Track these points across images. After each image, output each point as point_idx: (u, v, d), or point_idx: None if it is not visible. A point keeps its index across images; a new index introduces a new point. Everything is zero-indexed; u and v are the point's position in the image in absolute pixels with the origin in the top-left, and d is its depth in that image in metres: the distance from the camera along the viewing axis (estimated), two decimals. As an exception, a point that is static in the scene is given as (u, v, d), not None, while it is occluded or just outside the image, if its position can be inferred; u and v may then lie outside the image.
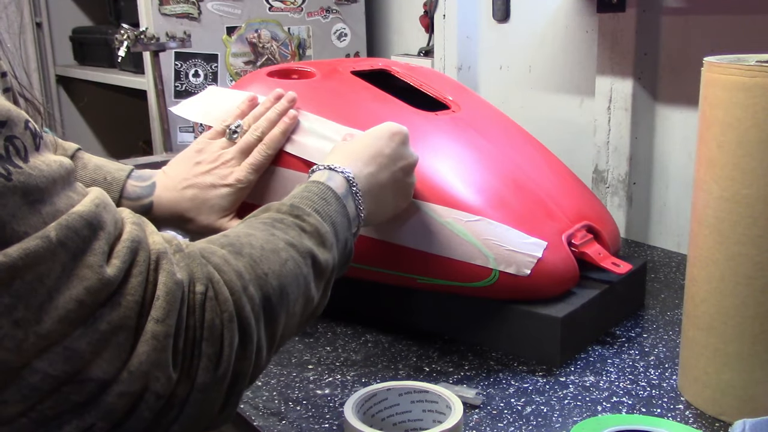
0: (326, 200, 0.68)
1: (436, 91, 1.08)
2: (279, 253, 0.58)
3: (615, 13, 1.28)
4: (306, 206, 0.65)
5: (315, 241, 0.63)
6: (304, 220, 0.63)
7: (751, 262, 0.70)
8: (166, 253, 0.50)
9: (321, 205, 0.67)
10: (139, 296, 0.47)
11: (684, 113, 1.26)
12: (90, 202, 0.47)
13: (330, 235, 0.64)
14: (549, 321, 0.85)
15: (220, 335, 0.50)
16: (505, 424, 0.75)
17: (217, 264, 0.53)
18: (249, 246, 0.57)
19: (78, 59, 2.35)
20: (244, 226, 0.61)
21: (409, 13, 1.86)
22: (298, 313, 0.60)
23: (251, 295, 0.53)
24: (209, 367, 0.49)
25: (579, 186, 1.03)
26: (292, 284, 0.58)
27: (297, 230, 0.62)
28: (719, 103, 0.70)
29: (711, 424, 0.74)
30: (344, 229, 0.69)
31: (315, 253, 0.62)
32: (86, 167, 0.86)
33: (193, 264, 0.51)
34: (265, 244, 0.58)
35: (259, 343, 0.54)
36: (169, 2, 1.68)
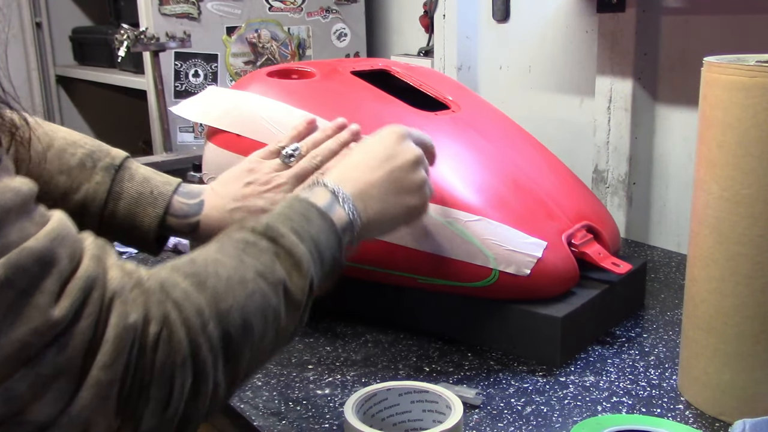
0: (308, 218, 0.64)
1: (436, 91, 1.08)
2: (246, 284, 0.55)
3: (615, 13, 1.28)
4: (283, 226, 0.61)
5: (288, 266, 0.59)
6: (278, 243, 0.59)
7: (751, 262, 0.70)
8: (122, 292, 0.48)
9: (301, 224, 0.62)
10: (88, 339, 0.45)
11: (684, 113, 1.26)
12: (45, 236, 0.45)
13: (306, 258, 0.60)
14: (549, 321, 0.85)
15: (171, 378, 0.48)
16: (505, 424, 0.75)
17: (177, 300, 0.50)
18: (215, 276, 0.54)
19: (78, 59, 2.35)
20: (215, 249, 0.58)
21: (409, 13, 1.86)
22: (267, 345, 0.57)
23: (210, 333, 0.51)
24: (156, 410, 0.47)
25: (579, 186, 1.03)
26: (258, 317, 0.55)
27: (270, 255, 0.58)
28: (719, 103, 0.70)
29: (711, 424, 0.74)
30: (330, 246, 0.64)
31: (287, 282, 0.58)
32: (133, 178, 0.82)
33: (150, 301, 0.49)
34: (233, 273, 0.55)
35: (216, 382, 0.52)
36: (169, 2, 1.68)
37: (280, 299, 0.57)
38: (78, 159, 0.82)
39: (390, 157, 0.74)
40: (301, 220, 0.63)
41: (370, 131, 0.92)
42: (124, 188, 0.81)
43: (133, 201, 0.81)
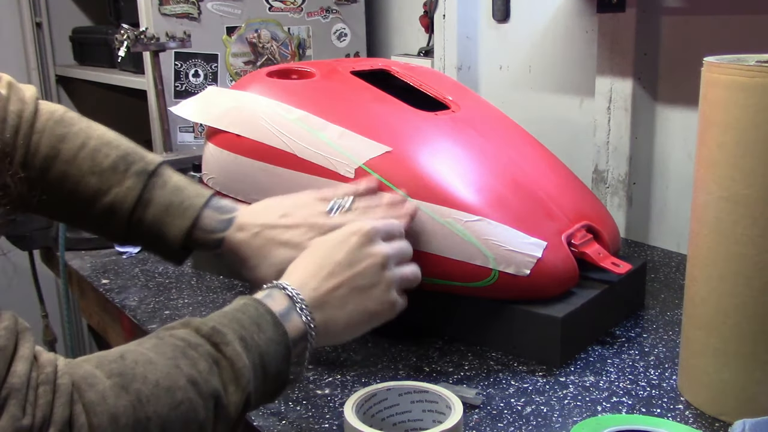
0: (259, 326, 0.60)
1: (435, 91, 1.08)
2: (174, 393, 0.52)
3: (615, 13, 1.28)
4: (231, 332, 0.58)
5: (227, 377, 0.56)
6: (221, 351, 0.56)
7: (751, 262, 0.70)
8: (21, 390, 0.45)
9: (250, 332, 0.59)
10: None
11: (684, 113, 1.26)
12: None
13: (247, 371, 0.57)
14: (549, 321, 0.85)
15: None
16: (505, 424, 0.75)
17: (91, 402, 0.47)
18: (142, 380, 0.51)
19: (78, 59, 2.34)
20: (151, 346, 0.55)
21: (409, 13, 1.86)
22: None
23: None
24: None
25: (579, 186, 1.03)
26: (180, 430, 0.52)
27: (209, 363, 0.55)
28: (719, 103, 0.70)
29: (711, 424, 0.74)
30: (277, 358, 0.61)
31: (220, 395, 0.55)
32: (165, 186, 0.80)
33: (56, 403, 0.46)
34: (163, 379, 0.52)
35: None
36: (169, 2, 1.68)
37: (209, 413, 0.54)
38: (111, 161, 0.80)
39: (352, 262, 0.69)
40: (251, 327, 0.59)
41: (370, 131, 0.92)
42: (155, 196, 0.79)
43: (162, 210, 0.79)
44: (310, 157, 0.91)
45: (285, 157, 0.92)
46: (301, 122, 0.93)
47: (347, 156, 0.90)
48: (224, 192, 0.98)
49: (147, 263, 1.23)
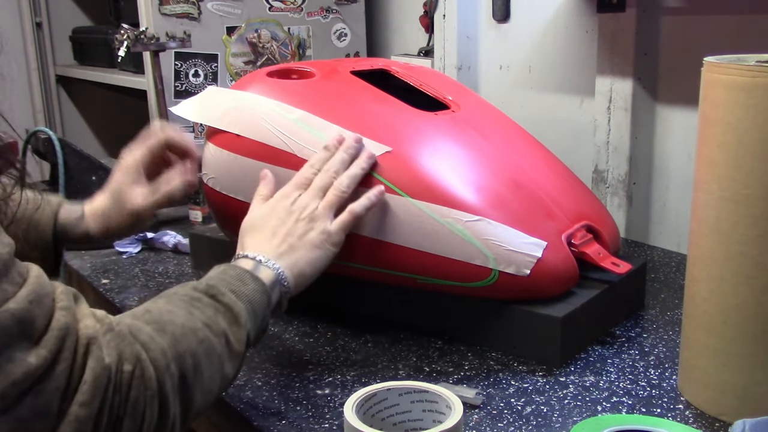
0: (242, 281, 0.71)
1: (436, 91, 1.08)
2: (197, 332, 0.62)
3: (615, 13, 1.28)
4: (222, 286, 0.69)
5: (229, 320, 0.67)
6: (219, 300, 0.67)
7: (751, 262, 0.70)
8: (96, 338, 0.54)
9: (237, 285, 0.70)
10: (63, 382, 0.50)
11: (684, 113, 1.26)
12: (24, 299, 0.50)
13: (244, 313, 0.68)
14: (549, 321, 0.85)
15: (143, 412, 0.54)
16: (505, 424, 0.75)
17: (145, 342, 0.57)
18: (171, 324, 0.61)
19: (78, 59, 2.34)
20: (165, 302, 0.65)
21: (409, 13, 1.86)
22: (213, 390, 0.64)
23: (172, 372, 0.58)
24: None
25: (579, 186, 1.03)
26: (207, 363, 0.62)
27: (212, 310, 0.66)
28: (719, 103, 0.70)
29: (711, 424, 0.74)
30: (262, 305, 0.72)
31: (228, 334, 0.66)
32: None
33: (123, 344, 0.55)
34: (186, 322, 0.62)
35: (174, 418, 0.58)
36: (169, 2, 1.68)
37: (223, 348, 0.65)
38: None
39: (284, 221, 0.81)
40: (236, 282, 0.70)
41: (370, 131, 0.92)
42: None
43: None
44: (310, 157, 0.91)
45: (285, 157, 0.92)
46: (301, 122, 0.93)
47: (347, 156, 0.90)
48: (224, 192, 0.98)
49: (147, 263, 1.23)
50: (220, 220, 1.05)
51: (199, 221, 1.39)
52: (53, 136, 1.33)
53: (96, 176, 1.38)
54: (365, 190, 0.86)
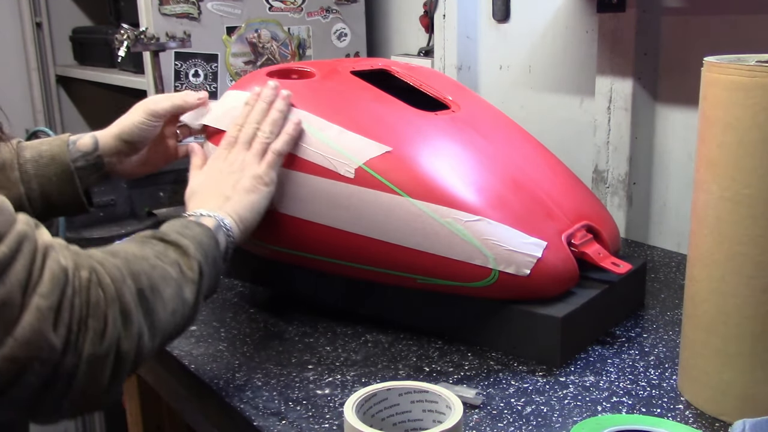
0: (187, 227, 0.76)
1: (436, 91, 1.08)
2: (149, 259, 0.68)
3: (615, 13, 1.28)
4: (169, 231, 0.74)
5: (179, 252, 0.72)
6: (166, 241, 0.72)
7: (751, 262, 0.70)
8: (54, 246, 0.59)
9: (183, 231, 0.75)
10: (24, 276, 0.55)
11: (684, 113, 1.26)
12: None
13: (191, 247, 0.73)
14: (549, 321, 0.85)
15: (105, 314, 0.59)
16: (505, 424, 0.75)
17: (99, 259, 0.63)
18: (123, 252, 0.67)
19: (78, 59, 2.34)
20: (118, 244, 0.70)
21: (409, 13, 1.86)
22: (178, 311, 0.69)
23: (129, 285, 0.63)
24: (95, 340, 0.58)
25: (579, 186, 1.03)
26: (163, 284, 0.67)
27: (162, 245, 0.72)
28: (719, 103, 0.70)
29: (711, 424, 0.74)
30: (211, 247, 0.76)
31: (180, 263, 0.71)
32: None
33: (78, 258, 0.61)
34: (138, 252, 0.68)
35: (140, 329, 0.63)
36: (169, 2, 1.67)
37: (178, 274, 0.70)
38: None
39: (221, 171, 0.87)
40: (182, 229, 0.75)
41: (370, 131, 0.92)
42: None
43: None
44: (310, 157, 0.91)
45: (285, 157, 0.92)
46: (301, 122, 0.93)
47: (347, 156, 0.90)
48: (224, 192, 0.98)
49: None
50: (220, 220, 1.05)
51: (199, 221, 1.39)
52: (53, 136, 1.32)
53: (96, 176, 1.38)
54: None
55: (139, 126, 0.95)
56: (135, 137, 0.95)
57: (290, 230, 0.94)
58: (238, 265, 1.14)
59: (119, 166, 0.97)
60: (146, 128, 0.95)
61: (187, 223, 0.77)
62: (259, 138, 0.89)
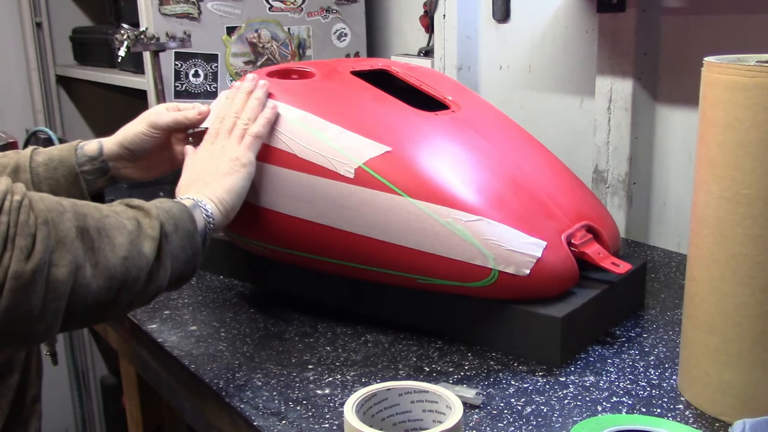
0: (161, 203, 0.77)
1: (435, 91, 1.08)
2: (101, 209, 0.70)
3: (615, 13, 1.28)
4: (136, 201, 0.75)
5: (140, 213, 0.73)
6: (131, 205, 0.74)
7: (751, 261, 0.70)
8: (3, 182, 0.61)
9: (155, 203, 0.76)
10: None
11: (684, 113, 1.26)
12: None
13: (154, 210, 0.74)
14: (549, 321, 0.85)
15: (33, 234, 0.61)
16: (505, 424, 0.75)
17: (42, 195, 0.65)
18: (73, 203, 0.67)
19: (78, 59, 2.34)
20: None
21: (409, 13, 1.86)
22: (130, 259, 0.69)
23: (69, 218, 0.64)
24: (20, 258, 0.59)
25: (579, 186, 1.03)
26: (114, 231, 0.69)
27: (122, 206, 0.73)
28: (719, 103, 0.70)
29: (711, 424, 0.74)
30: (183, 219, 0.77)
31: (139, 218, 0.72)
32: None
33: (15, 186, 0.62)
34: (90, 205, 0.69)
35: (77, 261, 0.64)
36: (169, 2, 1.67)
37: (135, 228, 0.71)
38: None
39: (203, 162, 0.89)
40: (156, 203, 0.76)
41: (370, 131, 0.92)
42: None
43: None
44: (310, 157, 0.91)
45: (285, 157, 0.92)
46: (301, 122, 0.93)
47: (347, 156, 0.90)
48: (224, 192, 0.98)
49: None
50: (220, 220, 1.04)
51: (199, 221, 1.38)
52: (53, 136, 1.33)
53: (96, 176, 1.37)
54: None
55: (140, 136, 0.96)
56: (135, 146, 0.96)
57: (290, 230, 0.94)
58: (238, 265, 1.14)
59: (124, 171, 0.98)
60: (147, 138, 0.96)
61: (162, 200, 0.78)
62: (238, 125, 0.91)
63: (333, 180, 0.90)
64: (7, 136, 1.31)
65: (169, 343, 0.95)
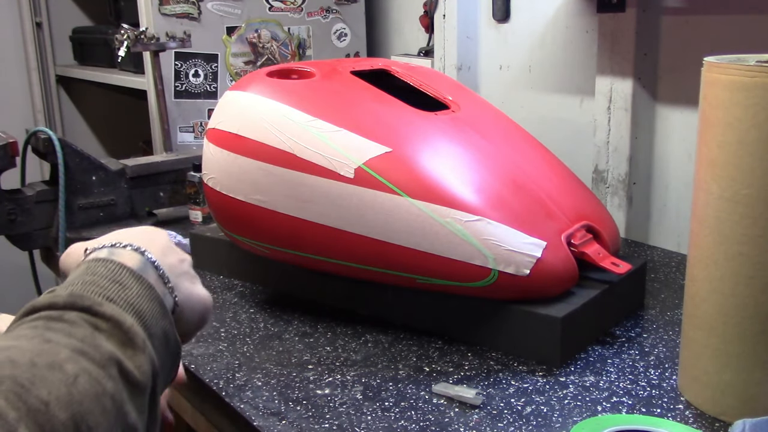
0: (121, 283, 0.48)
1: (435, 91, 1.08)
2: (62, 366, 0.40)
3: (615, 13, 1.28)
4: (92, 293, 0.46)
5: (117, 340, 0.44)
6: (95, 313, 0.45)
7: (751, 262, 0.70)
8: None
9: (115, 290, 0.47)
10: None
11: (684, 113, 1.26)
12: None
13: (138, 329, 0.46)
14: (549, 321, 0.85)
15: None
16: (505, 424, 0.75)
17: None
18: (10, 365, 0.39)
19: (78, 59, 2.34)
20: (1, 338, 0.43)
21: (409, 13, 1.86)
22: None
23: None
24: None
25: (579, 186, 1.03)
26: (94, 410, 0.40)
27: (87, 328, 0.44)
28: (719, 103, 0.70)
29: (711, 424, 0.74)
30: (158, 316, 0.49)
31: (120, 358, 0.43)
32: None
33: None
34: (37, 357, 0.40)
35: None
36: (169, 2, 1.67)
37: (116, 382, 0.42)
38: None
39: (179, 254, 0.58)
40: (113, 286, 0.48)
41: (370, 131, 0.92)
42: None
43: None
44: (310, 157, 0.91)
45: (285, 157, 0.92)
46: (302, 122, 0.93)
47: (347, 156, 0.90)
48: (224, 192, 0.98)
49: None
50: (220, 220, 1.05)
51: (199, 221, 1.39)
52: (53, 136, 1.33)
53: (96, 176, 1.38)
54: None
55: None
56: None
57: (290, 230, 0.94)
58: (238, 265, 1.14)
59: None
60: None
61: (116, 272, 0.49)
62: None
63: (333, 180, 0.90)
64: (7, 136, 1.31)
65: (169, 343, 0.94)
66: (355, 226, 0.89)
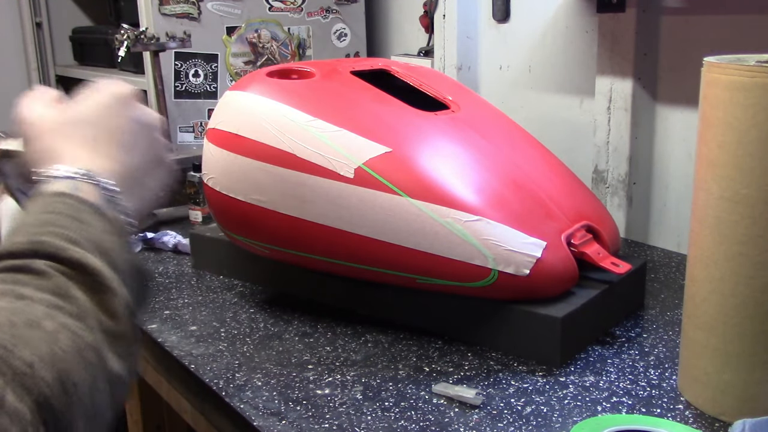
0: (82, 221, 0.47)
1: (435, 91, 1.08)
2: (40, 324, 0.39)
3: (615, 13, 1.28)
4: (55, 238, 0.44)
5: (88, 287, 0.43)
6: (60, 260, 0.43)
7: (751, 262, 0.70)
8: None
9: (77, 230, 0.46)
10: None
11: (684, 113, 1.26)
12: None
13: (107, 271, 0.45)
14: (549, 321, 0.85)
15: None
16: (505, 424, 0.75)
17: None
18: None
19: (78, 59, 2.34)
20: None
21: (409, 13, 1.86)
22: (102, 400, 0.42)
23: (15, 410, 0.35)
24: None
25: (579, 186, 1.03)
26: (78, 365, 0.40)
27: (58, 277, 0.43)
28: (719, 103, 0.70)
29: (711, 424, 0.74)
30: (121, 248, 0.48)
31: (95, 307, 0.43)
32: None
33: None
34: (14, 316, 0.39)
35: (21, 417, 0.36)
36: (169, 2, 1.67)
37: (95, 332, 0.42)
38: None
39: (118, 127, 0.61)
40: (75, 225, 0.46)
41: (370, 131, 0.92)
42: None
43: None
44: (309, 157, 0.91)
45: (285, 157, 0.92)
46: (302, 122, 0.93)
47: (347, 156, 0.90)
48: (224, 192, 0.98)
49: (147, 263, 1.22)
50: (220, 220, 1.05)
51: (199, 221, 1.39)
52: None
53: (96, 176, 1.38)
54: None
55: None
56: None
57: (290, 230, 0.94)
58: (238, 265, 1.14)
59: None
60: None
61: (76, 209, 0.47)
62: None
63: (333, 180, 0.90)
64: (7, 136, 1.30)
65: (169, 343, 0.95)
66: (355, 226, 0.89)
